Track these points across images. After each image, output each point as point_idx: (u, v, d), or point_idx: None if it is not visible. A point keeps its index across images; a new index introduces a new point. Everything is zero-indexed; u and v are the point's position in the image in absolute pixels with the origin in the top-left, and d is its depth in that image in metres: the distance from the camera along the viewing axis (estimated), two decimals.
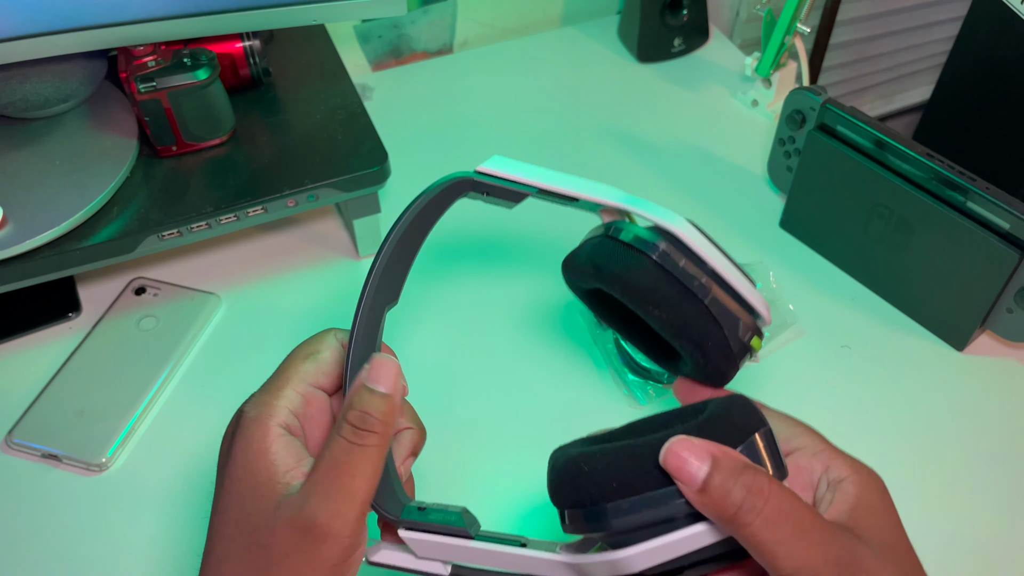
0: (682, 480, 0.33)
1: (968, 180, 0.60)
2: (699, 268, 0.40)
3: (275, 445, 0.37)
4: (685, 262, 0.40)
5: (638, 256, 0.41)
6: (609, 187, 0.42)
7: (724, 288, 0.40)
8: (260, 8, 0.59)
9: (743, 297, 0.41)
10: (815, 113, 0.67)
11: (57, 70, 0.60)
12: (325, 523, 0.35)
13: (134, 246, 0.60)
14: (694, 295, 0.40)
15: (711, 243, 0.41)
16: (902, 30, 1.24)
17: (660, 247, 0.40)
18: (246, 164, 0.64)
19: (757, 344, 0.41)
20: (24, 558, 0.54)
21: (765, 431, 0.36)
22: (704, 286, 0.40)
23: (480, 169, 0.42)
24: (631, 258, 0.41)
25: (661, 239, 0.40)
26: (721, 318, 0.40)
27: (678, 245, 0.40)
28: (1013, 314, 0.62)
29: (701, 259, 0.40)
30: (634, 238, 0.41)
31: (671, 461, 0.33)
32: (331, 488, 0.35)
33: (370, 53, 0.90)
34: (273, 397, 0.39)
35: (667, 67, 0.91)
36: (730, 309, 0.40)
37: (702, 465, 0.33)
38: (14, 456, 0.58)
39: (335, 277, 0.70)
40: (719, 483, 0.33)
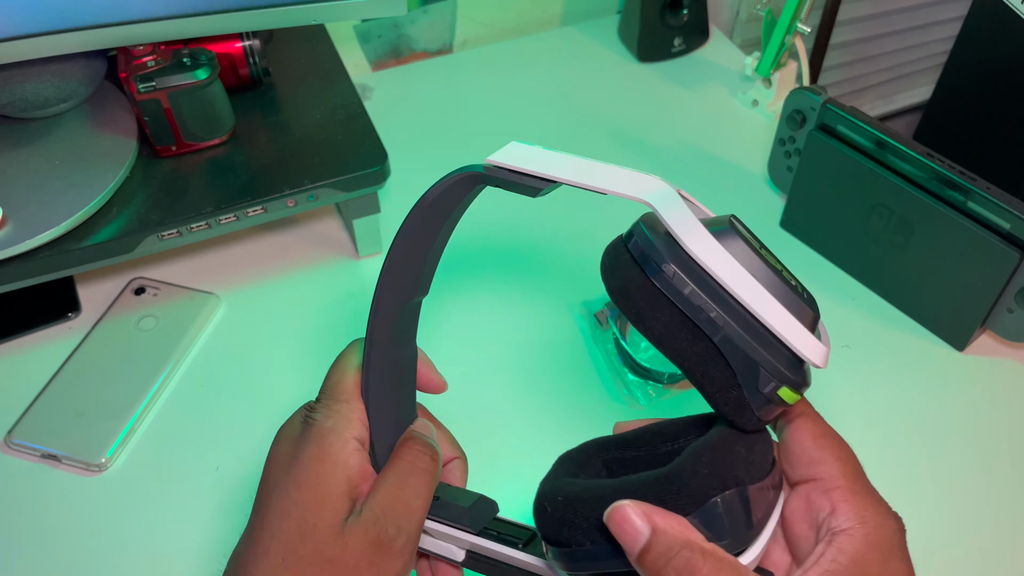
0: (623, 545, 0.32)
1: (968, 180, 0.60)
2: (713, 296, 0.31)
3: (352, 459, 0.37)
4: (692, 289, 0.31)
5: (638, 273, 0.33)
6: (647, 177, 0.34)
7: (747, 323, 0.31)
8: (260, 8, 0.59)
9: (776, 335, 0.31)
10: (815, 113, 0.67)
11: (57, 70, 0.60)
12: (394, 539, 0.36)
13: (134, 246, 0.60)
14: (701, 331, 0.32)
15: (752, 250, 0.32)
16: (902, 30, 1.24)
17: (664, 266, 0.32)
18: (246, 164, 0.64)
19: (789, 396, 0.32)
20: (24, 558, 0.54)
21: (732, 495, 0.32)
22: (714, 321, 0.31)
23: (490, 161, 0.36)
24: (631, 274, 0.33)
25: (670, 253, 0.32)
26: (735, 362, 0.32)
27: (690, 265, 0.32)
28: (1013, 314, 0.62)
29: (718, 284, 0.31)
30: (636, 246, 0.33)
31: (612, 526, 0.33)
32: (399, 506, 0.37)
33: (370, 53, 0.90)
34: (348, 408, 0.38)
35: (667, 67, 0.91)
36: (750, 351, 0.31)
37: (640, 536, 0.32)
38: (14, 456, 0.58)
39: (335, 277, 0.70)
40: (652, 560, 0.31)
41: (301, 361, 0.64)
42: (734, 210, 0.80)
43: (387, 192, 0.68)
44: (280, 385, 0.63)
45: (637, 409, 0.62)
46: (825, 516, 0.34)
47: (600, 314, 0.66)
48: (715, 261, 0.31)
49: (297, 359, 0.65)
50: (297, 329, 0.67)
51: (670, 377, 0.62)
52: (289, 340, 0.66)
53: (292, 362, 0.64)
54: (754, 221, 0.74)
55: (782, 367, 0.32)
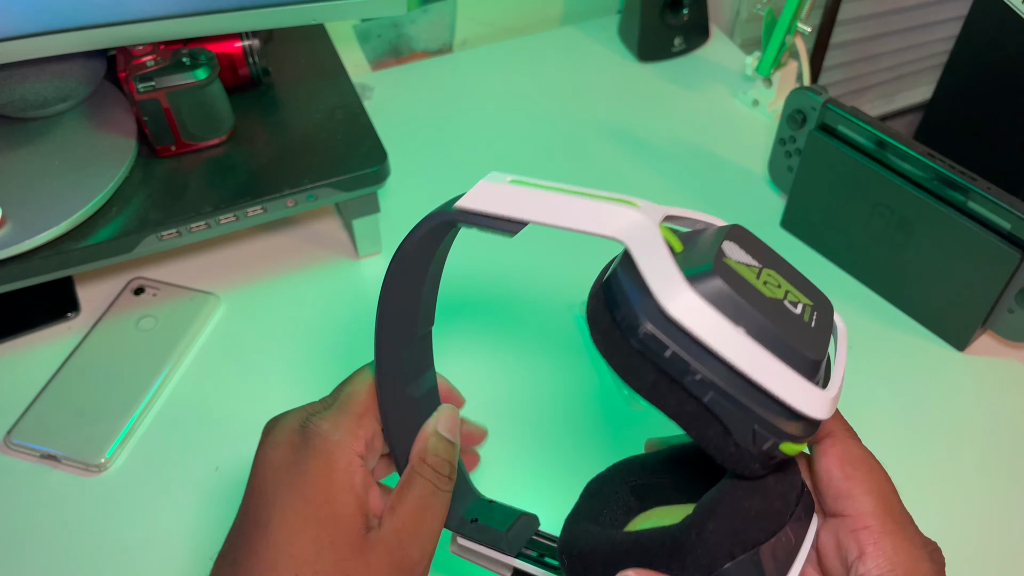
0: None
1: (969, 180, 0.60)
2: (697, 356, 0.29)
3: (358, 476, 0.36)
4: (673, 352, 0.29)
5: (617, 333, 0.30)
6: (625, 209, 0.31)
7: (736, 381, 0.29)
8: (259, 7, 0.59)
9: (768, 392, 0.29)
10: (816, 113, 0.67)
11: (56, 70, 0.60)
12: (417, 560, 0.37)
13: (133, 246, 0.60)
14: (690, 392, 0.29)
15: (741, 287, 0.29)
16: (903, 29, 1.24)
17: (640, 328, 0.29)
18: (245, 164, 0.64)
19: (791, 449, 0.30)
20: (23, 559, 0.54)
21: (744, 561, 0.31)
22: (702, 383, 0.29)
23: (460, 206, 0.33)
24: (611, 333, 0.30)
25: (646, 312, 0.29)
26: (728, 421, 0.29)
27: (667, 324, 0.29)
28: (1014, 314, 0.62)
29: (702, 345, 0.28)
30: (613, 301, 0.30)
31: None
32: (421, 528, 0.37)
33: (369, 52, 0.90)
34: (356, 423, 0.37)
35: (667, 66, 0.91)
36: (742, 411, 0.29)
37: None
38: (13, 456, 0.58)
39: (335, 277, 0.70)
40: None
41: (301, 361, 0.64)
42: (735, 210, 0.80)
43: (387, 192, 0.68)
44: (280, 385, 0.63)
45: (637, 410, 0.62)
46: (854, 559, 0.32)
47: None
48: (692, 317, 0.28)
49: (297, 359, 0.65)
50: (297, 329, 0.67)
51: None
52: (289, 340, 0.66)
53: (292, 362, 0.64)
54: (754, 221, 0.74)
55: (779, 424, 0.29)
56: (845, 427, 0.35)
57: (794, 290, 0.31)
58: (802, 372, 0.29)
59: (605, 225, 0.30)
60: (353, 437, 0.37)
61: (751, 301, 0.29)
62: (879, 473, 0.33)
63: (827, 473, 0.33)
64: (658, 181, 0.79)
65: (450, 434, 0.40)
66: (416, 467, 0.38)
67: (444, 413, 0.40)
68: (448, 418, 0.40)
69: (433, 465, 0.38)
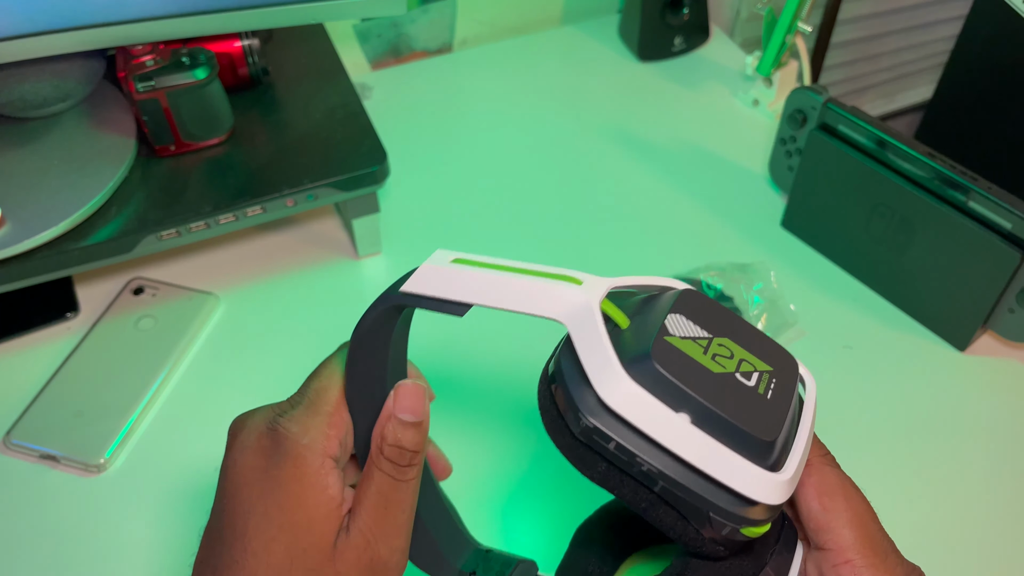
0: None
1: (970, 180, 0.60)
2: (642, 447, 0.28)
3: (330, 478, 0.35)
4: (617, 444, 0.28)
5: (563, 425, 0.30)
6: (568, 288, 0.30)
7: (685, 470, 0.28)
8: (259, 7, 0.59)
9: (719, 481, 0.28)
10: (816, 112, 0.67)
11: (55, 69, 0.60)
12: (386, 559, 0.35)
13: (132, 246, 0.60)
14: (640, 483, 0.29)
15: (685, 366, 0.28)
16: (904, 29, 1.24)
17: (583, 421, 0.28)
18: (245, 164, 0.64)
19: (752, 532, 0.29)
20: (22, 559, 0.54)
21: None
22: (650, 474, 0.28)
23: (405, 290, 0.33)
24: (557, 425, 0.30)
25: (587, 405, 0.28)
26: (683, 509, 0.29)
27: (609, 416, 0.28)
28: (1015, 314, 0.62)
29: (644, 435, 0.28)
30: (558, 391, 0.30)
31: None
32: (388, 526, 0.35)
33: (369, 52, 0.90)
34: (325, 423, 0.36)
35: (668, 66, 0.91)
36: (694, 500, 0.28)
37: None
38: (12, 457, 0.58)
39: (334, 277, 0.70)
40: None
41: (300, 361, 0.64)
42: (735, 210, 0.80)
43: (386, 192, 0.68)
44: (279, 385, 0.63)
45: None
46: None
47: None
48: (631, 408, 0.27)
49: (296, 359, 0.64)
50: (296, 329, 0.67)
51: None
52: (288, 340, 0.66)
53: (292, 362, 0.64)
54: (755, 221, 0.75)
55: (735, 510, 0.28)
56: (821, 452, 0.34)
57: (750, 357, 0.30)
58: (753, 455, 0.28)
59: (545, 308, 0.30)
60: (324, 438, 0.35)
61: (695, 383, 0.28)
62: (857, 501, 0.33)
63: (806, 505, 0.33)
64: (658, 181, 0.79)
65: (410, 415, 0.35)
66: (374, 459, 0.35)
67: (400, 391, 0.35)
68: (406, 397, 0.35)
69: (390, 456, 0.35)
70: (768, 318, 0.66)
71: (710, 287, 0.68)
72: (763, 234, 0.74)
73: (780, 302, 0.67)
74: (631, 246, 0.73)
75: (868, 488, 0.59)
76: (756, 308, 0.67)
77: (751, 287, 0.68)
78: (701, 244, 0.73)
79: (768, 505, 0.29)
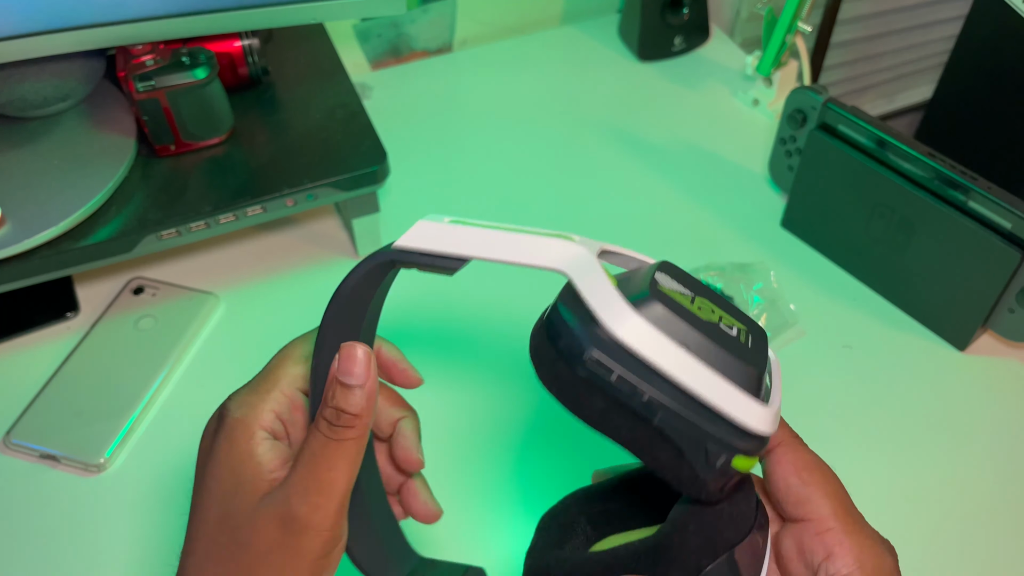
0: None
1: (970, 179, 0.60)
2: (644, 377, 0.29)
3: (260, 448, 0.36)
4: (619, 375, 0.29)
5: (562, 365, 0.30)
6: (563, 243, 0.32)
7: (684, 400, 0.30)
8: (259, 7, 0.59)
9: (715, 408, 0.30)
10: (816, 112, 0.67)
11: (56, 69, 0.60)
12: (305, 516, 0.35)
13: (132, 246, 0.60)
14: (639, 414, 0.30)
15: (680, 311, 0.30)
16: (903, 29, 1.24)
17: (586, 355, 0.29)
18: (245, 163, 0.64)
19: (743, 465, 0.31)
20: (22, 558, 0.54)
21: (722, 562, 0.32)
22: (649, 404, 0.29)
23: (398, 245, 0.34)
24: (556, 366, 0.31)
25: (590, 339, 0.29)
26: (680, 441, 0.30)
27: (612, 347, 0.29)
28: (1015, 314, 0.62)
29: (646, 363, 0.29)
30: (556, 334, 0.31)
31: None
32: (309, 482, 0.35)
33: (369, 52, 0.90)
34: (260, 399, 0.38)
35: (668, 66, 0.91)
36: (692, 429, 0.30)
37: None
38: (12, 456, 0.58)
39: (334, 277, 0.69)
40: None
41: None
42: (735, 209, 0.81)
43: (386, 191, 0.68)
44: None
45: None
46: (821, 561, 0.33)
47: None
48: (638, 339, 0.29)
49: None
50: (296, 329, 0.66)
51: None
52: (288, 340, 0.66)
53: None
54: (755, 221, 0.75)
55: (729, 438, 0.30)
56: (792, 435, 0.36)
57: (727, 316, 0.32)
58: (746, 389, 0.30)
59: (545, 258, 0.31)
60: (256, 412, 0.37)
61: (691, 323, 0.30)
62: (832, 476, 0.35)
63: (784, 481, 0.34)
64: (658, 181, 0.79)
65: (350, 378, 0.35)
66: (315, 420, 0.36)
67: (343, 353, 0.36)
68: (348, 359, 0.36)
69: (327, 417, 0.35)
70: (768, 318, 0.66)
71: (710, 287, 0.68)
72: (763, 234, 0.74)
73: (780, 302, 0.67)
74: (631, 245, 0.72)
75: (868, 486, 0.59)
76: (756, 308, 0.67)
77: (751, 287, 0.68)
78: (701, 244, 0.73)
79: (760, 436, 0.30)
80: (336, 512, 0.35)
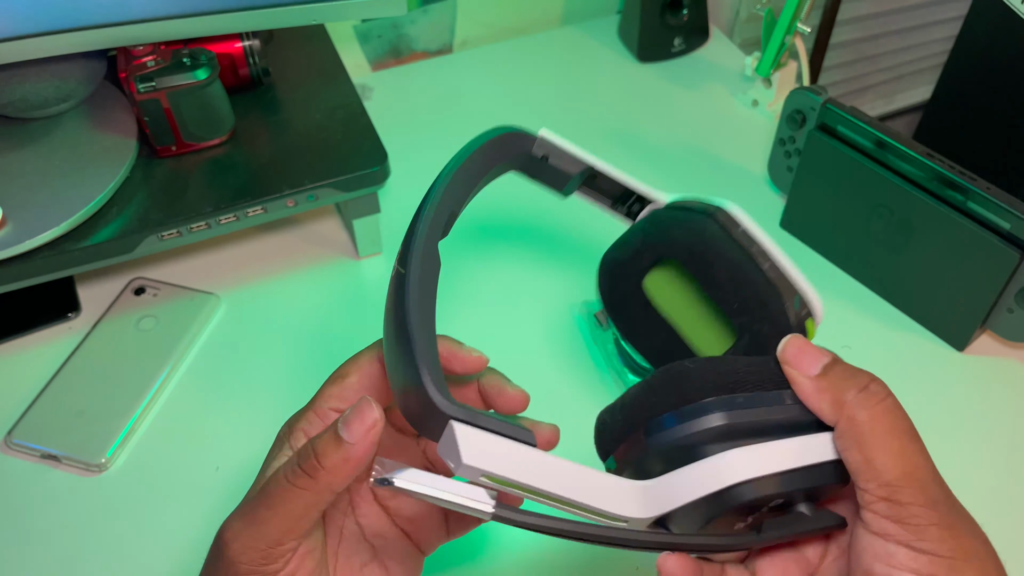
0: (801, 368, 0.33)
1: (969, 180, 0.60)
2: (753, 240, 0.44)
3: (276, 462, 0.36)
4: (742, 230, 0.44)
5: (703, 220, 0.44)
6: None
7: (778, 265, 0.43)
8: (260, 8, 0.59)
9: (794, 279, 0.43)
10: (815, 113, 0.67)
11: (56, 70, 0.60)
12: (226, 542, 0.34)
13: (134, 246, 0.60)
14: (755, 261, 0.43)
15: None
16: (903, 30, 1.24)
17: (720, 215, 0.44)
18: (246, 164, 0.64)
19: (811, 327, 0.43)
20: (23, 558, 0.54)
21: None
22: (764, 252, 0.43)
23: (543, 135, 0.47)
24: (697, 223, 0.44)
25: (719, 210, 0.45)
26: (781, 285, 0.42)
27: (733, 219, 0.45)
28: (1014, 314, 0.62)
29: (753, 236, 0.44)
30: (696, 205, 0.45)
31: (791, 349, 0.34)
32: (246, 509, 0.34)
33: (370, 53, 0.90)
34: (297, 417, 0.38)
35: (667, 67, 0.91)
36: (788, 281, 0.43)
37: (822, 357, 0.34)
38: (13, 456, 0.58)
39: (335, 277, 0.70)
40: (838, 371, 0.33)
41: (301, 361, 0.64)
42: None
43: (387, 192, 0.68)
44: (280, 385, 0.63)
45: None
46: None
47: (600, 314, 0.66)
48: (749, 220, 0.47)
49: (297, 359, 0.65)
50: (297, 329, 0.67)
51: None
52: (289, 340, 0.66)
53: (292, 362, 0.64)
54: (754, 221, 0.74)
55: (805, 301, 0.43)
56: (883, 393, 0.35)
57: None
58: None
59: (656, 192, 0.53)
60: (288, 428, 0.37)
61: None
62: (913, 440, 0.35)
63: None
64: (658, 181, 0.79)
65: (346, 430, 0.32)
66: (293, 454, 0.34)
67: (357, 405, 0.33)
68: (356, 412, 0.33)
69: (298, 453, 0.33)
70: None
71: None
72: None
73: None
74: None
75: None
76: None
77: None
78: None
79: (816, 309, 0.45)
80: (260, 552, 0.33)
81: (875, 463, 0.31)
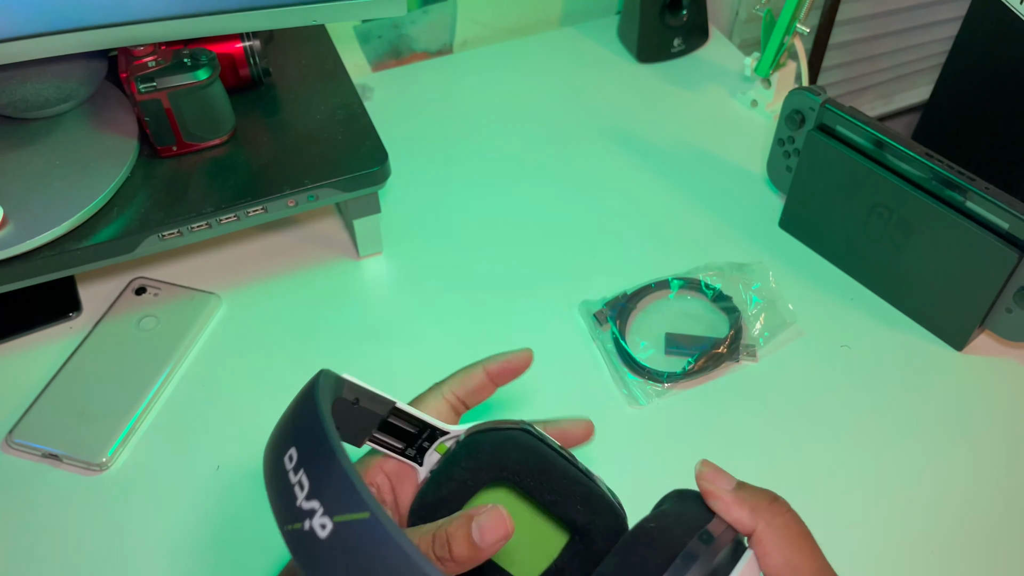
0: (718, 484, 0.35)
1: (967, 180, 0.60)
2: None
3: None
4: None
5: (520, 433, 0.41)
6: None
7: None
8: (260, 8, 0.59)
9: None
10: (814, 113, 0.67)
11: (57, 70, 0.60)
12: None
13: (134, 246, 0.60)
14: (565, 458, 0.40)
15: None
16: (901, 30, 1.24)
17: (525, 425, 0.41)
18: (246, 164, 0.64)
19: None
20: (24, 558, 0.54)
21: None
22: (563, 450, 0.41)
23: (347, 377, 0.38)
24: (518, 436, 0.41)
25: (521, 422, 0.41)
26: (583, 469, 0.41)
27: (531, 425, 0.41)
28: (1012, 314, 0.62)
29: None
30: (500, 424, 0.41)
31: (707, 471, 0.36)
32: None
33: (370, 53, 0.90)
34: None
35: (667, 67, 0.91)
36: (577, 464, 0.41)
37: (730, 476, 0.36)
38: (15, 456, 0.58)
39: (335, 277, 0.70)
40: (749, 487, 0.35)
41: (301, 361, 0.65)
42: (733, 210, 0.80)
43: (387, 192, 0.68)
44: (280, 385, 0.63)
45: (637, 409, 0.62)
46: None
47: (600, 314, 0.66)
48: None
49: (298, 359, 0.65)
50: (298, 329, 0.67)
51: (670, 377, 0.63)
52: (290, 340, 0.66)
53: (292, 362, 0.64)
54: (753, 221, 0.75)
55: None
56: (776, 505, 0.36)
57: None
58: None
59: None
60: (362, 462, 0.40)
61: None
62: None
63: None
64: (657, 182, 0.79)
65: (484, 540, 0.34)
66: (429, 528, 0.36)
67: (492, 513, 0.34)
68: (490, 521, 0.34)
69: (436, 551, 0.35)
70: (766, 318, 0.67)
71: (709, 287, 0.68)
72: (761, 234, 0.74)
73: (778, 302, 0.67)
74: (630, 246, 0.73)
75: (865, 486, 0.60)
76: (754, 308, 0.67)
77: (749, 287, 0.68)
78: (699, 244, 0.73)
79: None
80: None
81: (792, 562, 0.35)
